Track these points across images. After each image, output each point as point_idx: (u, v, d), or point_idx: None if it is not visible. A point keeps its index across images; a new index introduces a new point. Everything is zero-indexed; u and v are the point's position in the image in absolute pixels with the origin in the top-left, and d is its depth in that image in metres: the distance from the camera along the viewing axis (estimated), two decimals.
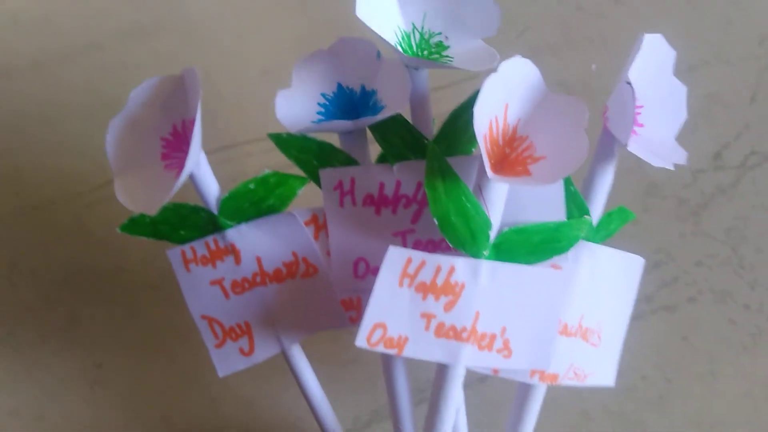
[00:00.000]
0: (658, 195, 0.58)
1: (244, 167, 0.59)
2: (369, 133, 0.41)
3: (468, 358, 0.36)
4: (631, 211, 0.56)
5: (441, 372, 0.37)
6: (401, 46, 0.39)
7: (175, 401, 0.53)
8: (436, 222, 0.35)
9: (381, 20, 0.38)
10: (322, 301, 0.41)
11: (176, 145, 0.39)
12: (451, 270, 0.35)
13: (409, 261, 0.35)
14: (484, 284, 0.36)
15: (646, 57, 0.38)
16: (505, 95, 0.35)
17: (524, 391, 0.42)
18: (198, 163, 0.38)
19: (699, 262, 0.55)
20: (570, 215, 0.39)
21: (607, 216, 0.42)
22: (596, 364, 0.42)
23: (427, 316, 0.35)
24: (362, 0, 0.36)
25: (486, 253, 0.36)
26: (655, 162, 0.37)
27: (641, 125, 0.39)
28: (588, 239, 0.40)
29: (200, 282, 0.41)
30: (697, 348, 0.52)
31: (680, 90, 0.41)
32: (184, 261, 0.41)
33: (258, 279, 0.41)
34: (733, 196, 0.58)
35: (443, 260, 0.35)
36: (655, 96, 0.39)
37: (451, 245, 0.36)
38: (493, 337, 0.36)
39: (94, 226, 0.57)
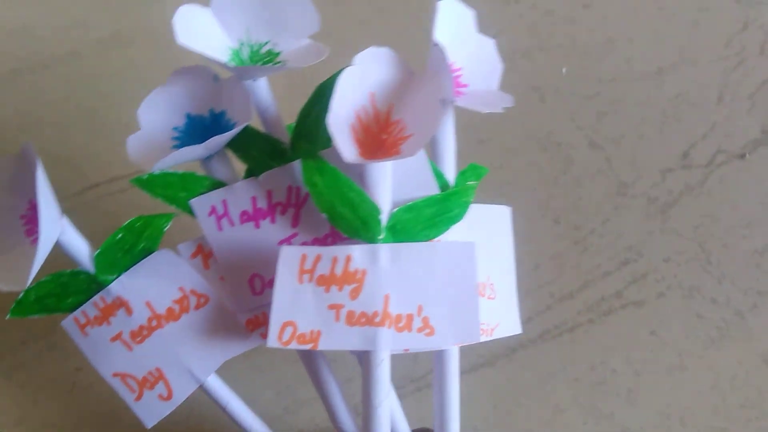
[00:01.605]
0: (627, 194, 0.59)
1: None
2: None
3: (387, 342, 0.36)
4: (602, 209, 0.58)
5: (365, 360, 0.37)
6: (233, 61, 0.40)
7: None
8: (326, 216, 0.36)
9: (207, 43, 0.38)
10: (224, 327, 0.41)
11: (36, 219, 0.38)
12: (348, 259, 0.36)
13: (304, 257, 0.35)
14: (387, 267, 0.36)
15: (446, 21, 0.38)
16: (367, 85, 0.36)
17: (440, 356, 0.41)
18: (61, 230, 0.38)
19: (667, 258, 0.56)
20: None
21: (461, 175, 0.42)
22: (499, 316, 0.42)
23: (335, 307, 0.36)
24: (180, 28, 0.37)
25: (381, 236, 0.36)
26: (485, 109, 0.39)
27: (465, 85, 0.40)
28: None
29: (100, 342, 0.41)
30: (665, 342, 0.53)
31: (489, 44, 0.42)
32: (79, 327, 0.41)
33: (154, 323, 0.40)
34: (701, 194, 0.60)
35: (338, 251, 0.36)
36: (469, 55, 0.40)
37: (345, 235, 0.37)
38: (410, 317, 0.36)
39: None
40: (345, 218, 0.36)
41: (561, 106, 0.66)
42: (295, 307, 0.35)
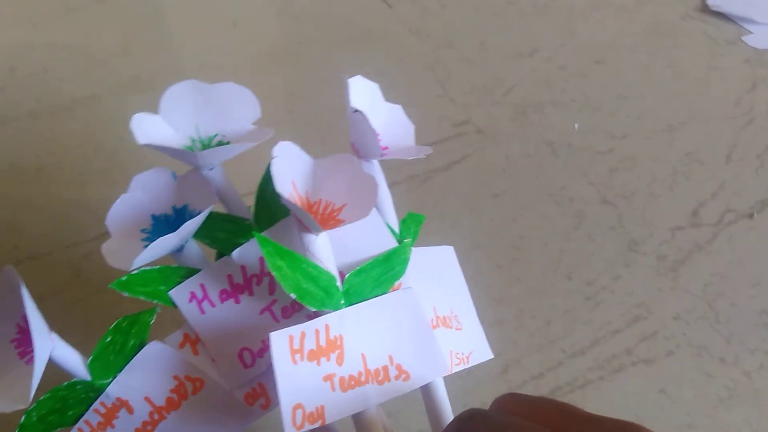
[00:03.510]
0: (638, 251, 0.60)
1: None
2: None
3: (375, 397, 0.37)
4: (614, 266, 0.59)
5: (358, 420, 0.38)
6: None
7: None
8: (294, 296, 0.36)
9: (164, 141, 0.41)
10: (224, 406, 0.41)
11: (28, 341, 0.38)
12: (327, 328, 0.37)
13: (291, 338, 0.36)
14: (354, 328, 0.37)
15: (358, 94, 0.41)
16: (289, 174, 0.37)
17: (427, 391, 0.42)
18: (53, 346, 0.38)
19: (677, 316, 0.57)
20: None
21: (403, 223, 0.44)
22: (470, 344, 0.44)
23: (329, 378, 0.36)
24: (139, 132, 0.39)
25: (342, 302, 0.38)
26: (410, 156, 0.41)
27: (386, 148, 0.42)
28: None
29: None
30: (674, 401, 0.54)
31: (398, 109, 0.44)
32: None
33: (156, 416, 0.41)
34: (710, 252, 0.60)
35: (317, 323, 0.37)
36: (384, 123, 0.43)
37: (312, 309, 0.37)
38: (386, 368, 0.38)
39: (92, 276, 0.58)
40: (310, 293, 0.37)
41: (573, 162, 0.67)
42: (298, 388, 0.36)
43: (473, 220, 0.62)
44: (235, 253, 0.40)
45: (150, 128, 0.41)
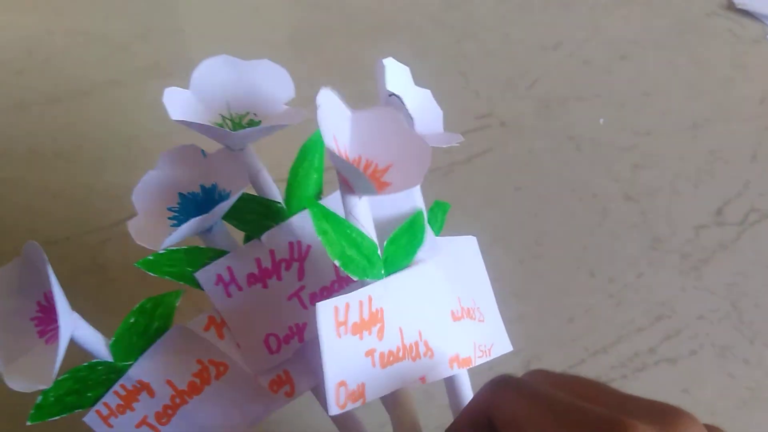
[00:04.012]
0: (661, 249, 0.59)
1: None
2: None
3: (411, 373, 0.35)
4: (637, 264, 0.58)
5: (394, 398, 0.36)
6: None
7: None
8: (338, 263, 0.34)
9: (195, 117, 0.39)
10: (248, 392, 0.40)
11: (48, 319, 0.38)
12: (370, 299, 0.35)
13: (337, 309, 0.34)
14: (393, 300, 0.35)
15: (392, 77, 0.40)
16: (332, 127, 0.35)
17: (451, 384, 0.42)
18: (75, 326, 0.38)
19: (701, 316, 0.56)
20: None
21: (431, 212, 0.43)
22: (492, 337, 0.43)
23: (370, 353, 0.34)
24: (171, 107, 0.38)
25: (383, 272, 0.36)
26: (444, 143, 0.39)
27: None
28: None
29: (127, 431, 0.40)
30: (698, 401, 0.53)
31: (427, 94, 0.43)
32: (102, 419, 0.40)
33: (177, 400, 0.40)
34: (734, 252, 0.60)
35: (361, 294, 0.34)
36: (414, 107, 0.42)
37: (355, 278, 0.35)
38: (416, 344, 0.36)
39: (109, 263, 0.58)
40: (354, 261, 0.35)
41: (597, 157, 0.66)
42: (342, 365, 0.34)
43: (494, 214, 0.62)
44: (265, 236, 0.40)
45: (181, 103, 0.40)
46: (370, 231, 0.36)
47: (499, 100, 0.72)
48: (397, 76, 0.41)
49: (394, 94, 0.38)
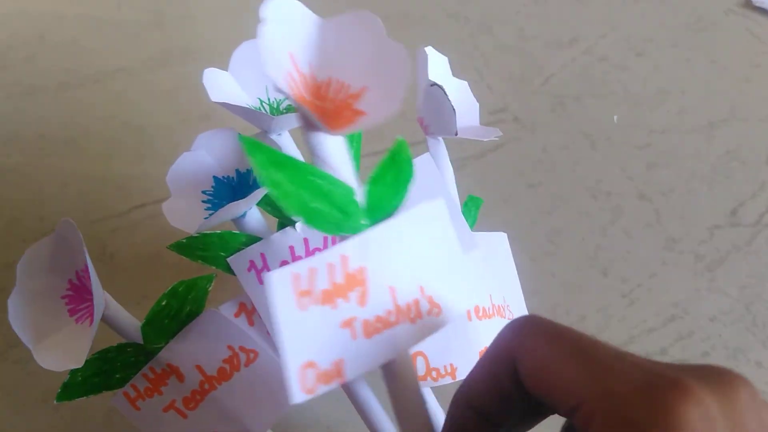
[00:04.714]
0: (675, 249, 0.59)
1: None
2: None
3: (408, 339, 0.30)
4: (650, 263, 0.57)
5: (388, 370, 0.30)
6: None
7: None
8: (302, 219, 0.29)
9: (234, 99, 0.39)
10: (277, 380, 0.39)
11: (79, 298, 0.38)
12: (344, 260, 0.29)
13: (297, 277, 0.28)
14: (380, 254, 0.30)
15: (434, 66, 0.39)
16: (285, 44, 0.29)
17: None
18: (106, 305, 0.38)
19: (713, 317, 0.56)
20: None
21: (465, 206, 0.42)
22: None
23: (349, 323, 0.29)
24: (211, 88, 0.38)
25: (364, 221, 0.30)
26: (483, 137, 0.39)
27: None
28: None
29: (154, 414, 0.40)
30: None
31: (464, 85, 0.43)
32: (130, 402, 0.40)
33: (206, 386, 0.40)
34: (748, 253, 0.59)
35: (330, 254, 0.28)
36: (453, 96, 0.41)
37: (327, 234, 0.31)
38: (417, 303, 0.30)
39: (118, 252, 0.57)
40: (321, 213, 0.29)
41: (611, 155, 0.65)
42: (309, 342, 0.28)
43: (507, 210, 0.61)
44: (299, 224, 0.39)
45: (220, 84, 0.39)
46: (344, 173, 0.30)
47: (513, 95, 0.71)
48: (437, 65, 0.40)
49: (435, 84, 0.37)
